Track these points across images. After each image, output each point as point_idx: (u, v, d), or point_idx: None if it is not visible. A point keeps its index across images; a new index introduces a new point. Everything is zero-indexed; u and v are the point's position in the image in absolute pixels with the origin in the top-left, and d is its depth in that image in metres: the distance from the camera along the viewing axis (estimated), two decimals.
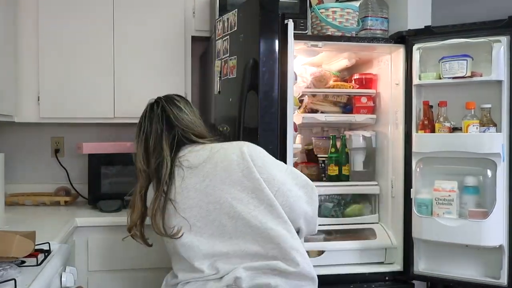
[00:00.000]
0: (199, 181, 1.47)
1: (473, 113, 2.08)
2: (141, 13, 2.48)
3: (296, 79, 1.81)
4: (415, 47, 2.22)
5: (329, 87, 2.52)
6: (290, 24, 1.79)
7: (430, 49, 2.20)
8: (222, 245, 1.44)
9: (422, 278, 2.24)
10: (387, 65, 2.43)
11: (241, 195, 1.44)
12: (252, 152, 1.49)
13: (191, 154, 1.52)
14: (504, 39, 2.03)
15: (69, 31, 2.50)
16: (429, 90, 2.25)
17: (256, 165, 1.46)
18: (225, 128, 1.85)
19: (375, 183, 2.49)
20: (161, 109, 1.59)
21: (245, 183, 1.45)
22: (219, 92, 2.12)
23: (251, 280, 1.39)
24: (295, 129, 1.81)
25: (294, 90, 2.46)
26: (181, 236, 1.45)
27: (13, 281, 1.27)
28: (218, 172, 1.46)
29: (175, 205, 1.46)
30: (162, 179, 1.48)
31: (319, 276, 1.51)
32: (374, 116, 2.52)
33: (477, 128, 2.05)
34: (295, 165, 2.77)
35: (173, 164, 1.50)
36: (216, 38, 2.15)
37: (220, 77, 2.09)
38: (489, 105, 2.07)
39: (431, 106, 2.21)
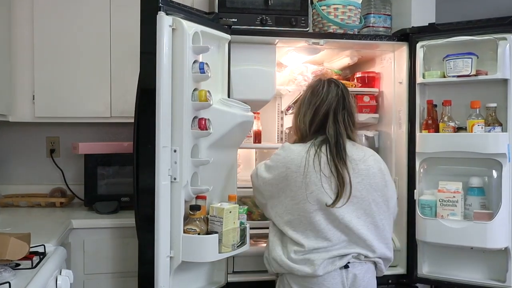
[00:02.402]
0: (355, 175, 1.74)
1: (478, 112, 2.08)
2: (138, 10, 2.48)
3: (203, 72, 1.75)
4: (418, 44, 2.22)
5: None
6: (160, 16, 1.72)
7: (434, 47, 2.20)
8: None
9: (426, 281, 2.24)
10: (390, 63, 2.43)
11: (378, 199, 1.77)
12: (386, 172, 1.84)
13: (351, 148, 1.78)
14: (510, 36, 2.03)
15: (65, 29, 2.50)
16: (433, 89, 2.25)
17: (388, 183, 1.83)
18: None
19: None
20: (340, 89, 1.82)
21: (383, 192, 1.79)
22: None
23: None
24: (202, 127, 1.78)
25: (295, 89, 2.49)
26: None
27: (8, 284, 1.28)
28: (370, 175, 1.76)
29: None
30: (340, 146, 1.75)
31: None
32: (376, 115, 2.53)
33: (482, 127, 2.06)
34: None
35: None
36: None
37: None
38: (494, 104, 2.07)
39: (435, 105, 2.21)
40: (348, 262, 1.74)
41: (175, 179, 1.75)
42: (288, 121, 2.67)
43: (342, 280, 1.73)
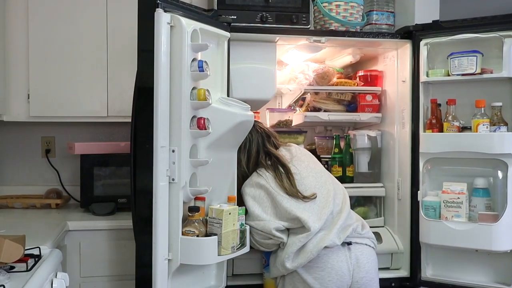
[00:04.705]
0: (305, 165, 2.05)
1: (483, 111, 2.09)
2: (136, 7, 2.49)
3: (201, 71, 1.75)
4: (422, 42, 2.22)
5: (332, 85, 2.52)
6: (158, 13, 1.72)
7: (438, 45, 2.21)
8: None
9: (430, 284, 2.24)
10: (393, 62, 2.44)
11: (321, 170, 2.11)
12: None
13: (286, 152, 2.10)
14: None
15: (61, 26, 2.50)
16: (437, 87, 2.25)
17: None
18: None
19: (381, 185, 2.50)
20: (257, 126, 2.10)
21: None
22: None
23: None
24: (201, 127, 1.78)
25: (296, 87, 2.49)
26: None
27: (2, 287, 1.28)
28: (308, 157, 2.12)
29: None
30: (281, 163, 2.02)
31: None
32: (379, 114, 2.53)
33: (487, 127, 2.06)
34: None
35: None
36: None
37: None
38: (500, 103, 2.08)
39: (439, 105, 2.22)
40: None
41: (173, 180, 1.75)
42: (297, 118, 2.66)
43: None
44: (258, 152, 2.06)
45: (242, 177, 2.05)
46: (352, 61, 2.60)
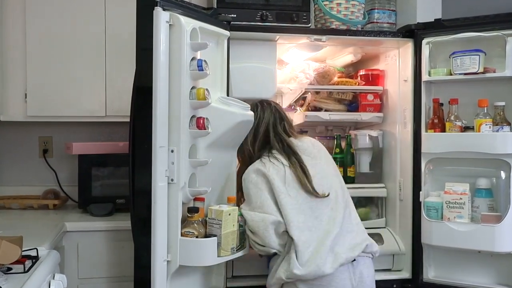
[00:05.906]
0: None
1: (485, 111, 2.08)
2: (134, 6, 2.49)
3: (201, 70, 1.76)
4: (424, 41, 2.22)
5: (333, 84, 2.52)
6: (156, 12, 1.72)
7: (441, 44, 2.21)
8: None
9: (432, 286, 2.24)
10: (395, 61, 2.44)
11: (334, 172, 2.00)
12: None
13: (299, 143, 1.97)
14: None
15: (58, 25, 2.49)
16: (439, 87, 2.25)
17: None
18: None
19: (382, 185, 2.49)
20: (273, 106, 2.04)
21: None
22: None
23: None
24: (200, 127, 1.78)
25: (296, 87, 2.49)
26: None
27: None
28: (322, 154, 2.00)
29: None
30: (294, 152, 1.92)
31: None
32: (381, 114, 2.53)
33: (490, 127, 2.06)
34: None
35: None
36: None
37: None
38: (502, 103, 2.07)
39: (442, 104, 2.22)
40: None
41: (172, 180, 1.75)
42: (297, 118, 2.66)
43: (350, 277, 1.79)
44: (266, 133, 1.98)
45: (249, 158, 1.99)
46: (353, 60, 2.60)
